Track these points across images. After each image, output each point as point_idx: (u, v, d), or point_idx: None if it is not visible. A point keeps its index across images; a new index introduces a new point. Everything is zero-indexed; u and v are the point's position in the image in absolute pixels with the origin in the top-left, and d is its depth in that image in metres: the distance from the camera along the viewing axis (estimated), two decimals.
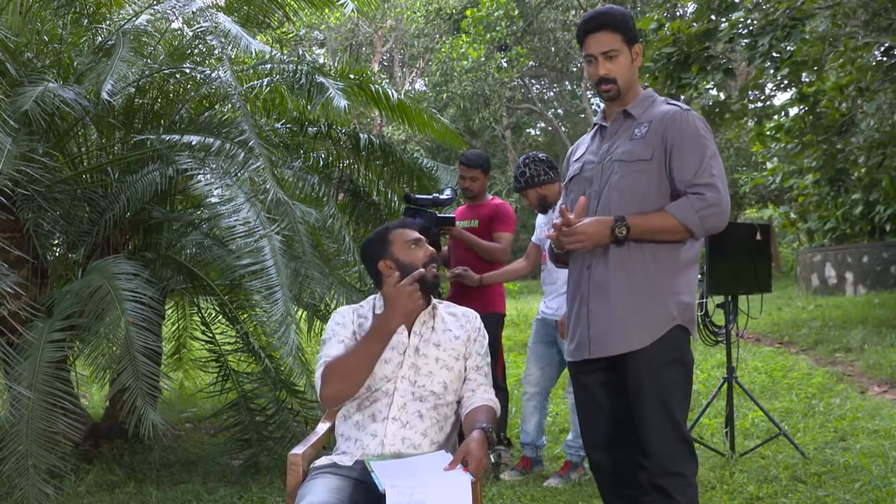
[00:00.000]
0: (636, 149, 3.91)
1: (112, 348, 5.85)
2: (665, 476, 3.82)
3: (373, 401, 3.87)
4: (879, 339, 12.17)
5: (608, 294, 3.90)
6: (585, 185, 4.07)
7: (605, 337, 3.91)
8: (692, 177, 3.83)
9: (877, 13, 13.17)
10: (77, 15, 8.10)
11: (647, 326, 3.86)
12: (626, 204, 3.87)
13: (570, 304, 4.17)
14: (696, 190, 3.81)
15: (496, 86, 34.71)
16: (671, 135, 3.89)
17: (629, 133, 3.99)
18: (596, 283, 3.94)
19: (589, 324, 3.96)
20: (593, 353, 3.96)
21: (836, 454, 6.84)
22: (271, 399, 7.15)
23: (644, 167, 3.89)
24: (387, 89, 8.66)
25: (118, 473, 6.88)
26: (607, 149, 4.04)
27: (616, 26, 3.96)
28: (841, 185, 18.86)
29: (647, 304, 3.88)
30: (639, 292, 3.88)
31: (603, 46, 3.95)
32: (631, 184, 3.90)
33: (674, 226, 3.80)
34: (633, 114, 4.02)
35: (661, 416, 3.84)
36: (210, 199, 6.66)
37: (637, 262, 3.88)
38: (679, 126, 3.90)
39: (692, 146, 3.88)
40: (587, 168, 4.10)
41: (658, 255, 3.90)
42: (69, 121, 7.24)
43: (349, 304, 6.79)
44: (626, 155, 3.93)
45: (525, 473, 6.84)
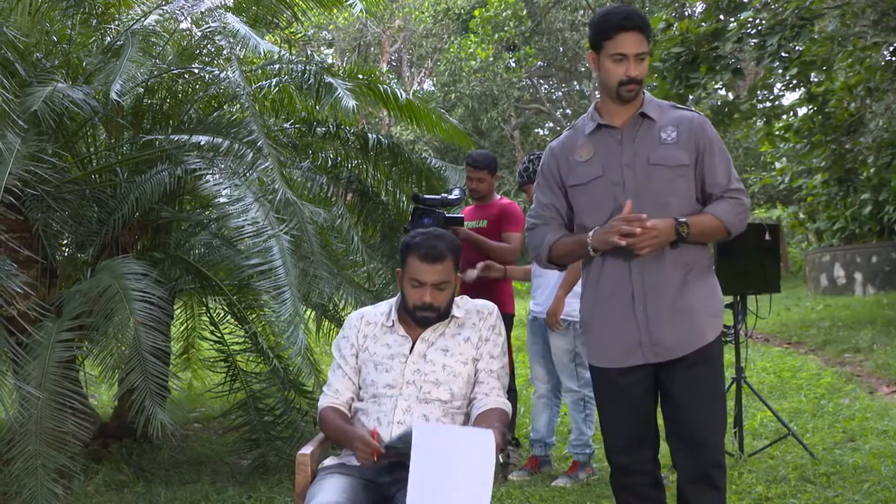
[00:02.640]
0: (675, 154, 3.91)
1: (121, 348, 5.86)
2: (715, 467, 3.92)
3: (378, 405, 3.88)
4: (888, 339, 12.16)
5: (664, 295, 3.88)
6: (614, 189, 3.95)
7: (672, 340, 3.88)
8: (727, 182, 3.96)
9: (885, 13, 13.15)
10: (86, 15, 8.11)
11: (712, 322, 3.94)
12: (672, 208, 3.86)
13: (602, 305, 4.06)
14: (732, 195, 3.94)
15: (504, 86, 34.66)
16: (702, 141, 3.94)
17: (654, 137, 3.95)
18: (651, 284, 3.90)
19: (648, 328, 3.90)
20: (654, 357, 3.92)
21: (844, 455, 6.83)
22: (280, 399, 7.15)
23: (684, 172, 3.91)
24: (395, 89, 8.64)
25: (127, 473, 6.89)
26: (634, 151, 3.96)
27: (646, 29, 3.94)
28: (850, 185, 18.85)
29: (707, 301, 3.95)
30: (699, 291, 3.93)
31: (638, 47, 3.91)
32: (675, 188, 3.90)
33: (719, 227, 3.91)
34: (652, 116, 3.98)
35: (718, 408, 3.99)
36: (219, 200, 6.66)
37: (688, 261, 3.92)
38: (707, 133, 3.98)
39: (720, 152, 3.98)
40: (611, 170, 3.99)
41: (699, 255, 3.97)
42: (78, 121, 7.25)
43: (358, 303, 6.84)
44: (667, 160, 3.91)
45: (533, 473, 6.85)
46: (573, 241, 4.07)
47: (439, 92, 36.28)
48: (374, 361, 3.99)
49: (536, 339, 7.01)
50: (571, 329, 6.61)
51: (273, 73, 8.12)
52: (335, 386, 4.05)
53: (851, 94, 15.14)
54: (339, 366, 4.08)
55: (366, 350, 4.04)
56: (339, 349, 4.13)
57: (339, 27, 34.75)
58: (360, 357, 4.04)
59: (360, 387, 4.04)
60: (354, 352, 4.07)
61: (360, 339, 4.08)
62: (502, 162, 35.44)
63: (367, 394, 3.96)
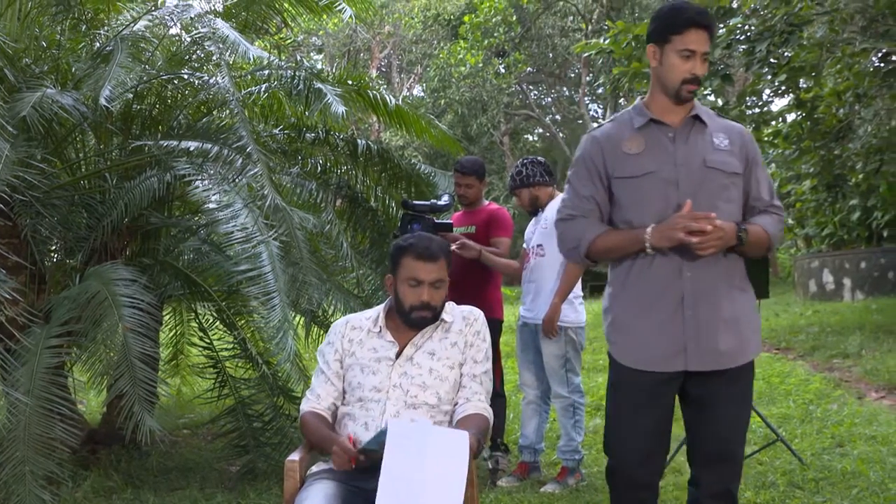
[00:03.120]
0: (730, 161, 3.86)
1: (109, 354, 5.86)
2: (735, 481, 3.90)
3: (365, 409, 3.88)
4: (877, 344, 12.17)
5: (716, 302, 3.80)
6: (665, 187, 3.83)
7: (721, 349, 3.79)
8: (770, 197, 3.95)
9: (874, 19, 13.19)
10: (75, 21, 8.10)
11: (755, 338, 3.90)
12: (723, 214, 3.74)
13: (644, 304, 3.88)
14: (775, 210, 3.94)
15: (494, 92, 34.74)
16: (751, 154, 3.92)
17: (708, 141, 3.88)
18: (704, 291, 3.79)
19: (696, 334, 3.77)
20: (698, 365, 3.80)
21: (833, 460, 6.84)
22: (269, 405, 7.15)
23: (736, 180, 3.86)
24: (384, 95, 8.65)
25: (115, 479, 6.88)
26: (688, 152, 3.87)
27: (714, 29, 3.89)
28: (838, 191, 18.90)
29: (751, 315, 3.92)
30: (744, 304, 3.87)
31: (705, 46, 3.83)
32: (728, 195, 3.84)
33: (766, 241, 3.83)
34: (705, 121, 3.92)
35: (747, 424, 3.97)
36: (208, 205, 6.66)
37: (733, 272, 3.86)
38: (754, 146, 3.98)
39: (763, 168, 3.99)
40: (665, 168, 3.85)
41: (740, 267, 3.91)
42: (67, 126, 7.25)
43: (347, 309, 6.84)
44: (724, 165, 3.84)
45: (522, 479, 6.84)
46: (623, 236, 3.87)
47: (429, 98, 36.34)
48: (361, 365, 3.98)
49: (526, 345, 7.01)
50: (563, 335, 6.62)
51: (262, 79, 8.12)
52: (317, 391, 4.05)
53: (840, 100, 15.19)
54: (321, 371, 4.08)
55: (352, 355, 4.03)
56: (322, 355, 4.13)
57: (328, 33, 34.79)
58: (346, 362, 4.04)
59: (344, 391, 4.04)
60: (338, 357, 4.07)
61: (346, 345, 4.07)
62: (491, 168, 35.53)
63: (354, 397, 3.95)
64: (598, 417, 8.75)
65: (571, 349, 6.67)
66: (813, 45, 13.64)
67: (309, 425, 3.96)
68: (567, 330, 6.61)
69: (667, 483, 6.32)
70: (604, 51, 15.11)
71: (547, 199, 6.88)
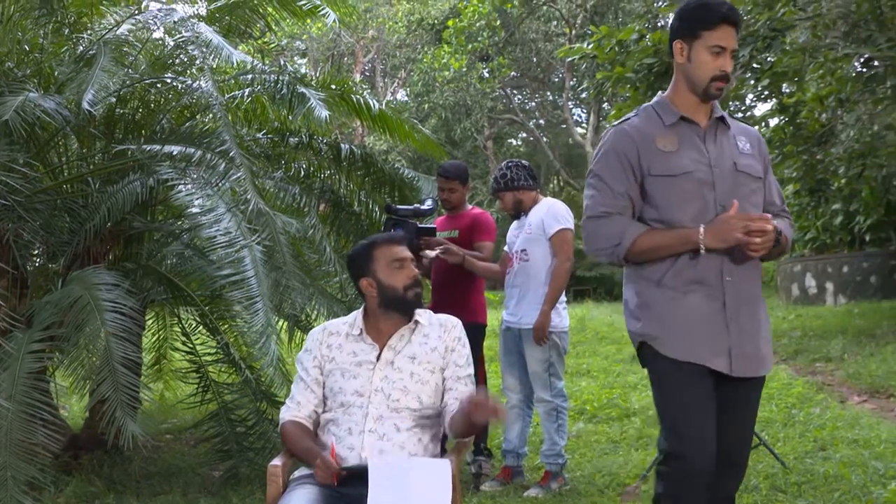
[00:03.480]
0: (755, 165, 3.86)
1: (92, 359, 5.85)
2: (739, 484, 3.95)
3: (348, 414, 3.87)
4: (859, 348, 12.21)
5: (758, 312, 3.82)
6: (701, 188, 3.78)
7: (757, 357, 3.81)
8: (781, 202, 3.98)
9: (856, 24, 13.23)
10: (58, 24, 8.07)
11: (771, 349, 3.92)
12: None
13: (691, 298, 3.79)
14: (787, 215, 3.98)
15: (478, 96, 34.78)
16: (766, 158, 3.97)
17: (733, 144, 3.87)
18: (745, 297, 3.78)
19: (740, 340, 3.76)
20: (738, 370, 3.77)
21: (815, 464, 6.86)
22: (252, 410, 7.15)
23: (761, 185, 3.88)
24: (368, 99, 8.64)
25: (98, 485, 6.86)
26: (720, 154, 3.84)
27: (739, 25, 3.83)
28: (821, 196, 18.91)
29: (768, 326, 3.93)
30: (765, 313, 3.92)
31: (732, 43, 3.79)
32: (755, 199, 3.84)
33: (785, 244, 3.81)
34: (728, 123, 3.91)
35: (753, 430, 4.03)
36: (191, 210, 6.63)
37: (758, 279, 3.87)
38: (766, 151, 4.01)
39: (772, 173, 4.00)
40: (701, 168, 3.80)
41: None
42: (50, 130, 7.22)
43: (330, 314, 6.83)
44: (751, 169, 3.84)
45: (506, 484, 6.85)
46: (672, 235, 3.77)
47: (413, 102, 36.38)
48: (341, 369, 3.99)
49: (509, 349, 7.01)
50: (548, 339, 6.63)
51: (246, 84, 8.11)
52: (297, 398, 4.05)
53: (823, 105, 15.22)
54: (301, 378, 4.09)
55: (332, 360, 4.04)
56: (301, 363, 4.13)
57: (312, 37, 34.74)
58: (326, 367, 4.04)
59: (325, 397, 4.04)
60: (317, 364, 4.07)
61: (324, 350, 4.08)
62: (475, 172, 35.60)
63: (336, 402, 3.95)
64: (581, 421, 8.77)
65: (556, 353, 6.69)
66: (796, 51, 13.68)
67: (290, 436, 3.96)
68: (552, 334, 6.62)
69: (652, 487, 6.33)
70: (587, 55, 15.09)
71: (531, 204, 6.89)
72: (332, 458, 3.62)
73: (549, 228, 6.67)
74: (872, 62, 13.58)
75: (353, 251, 4.22)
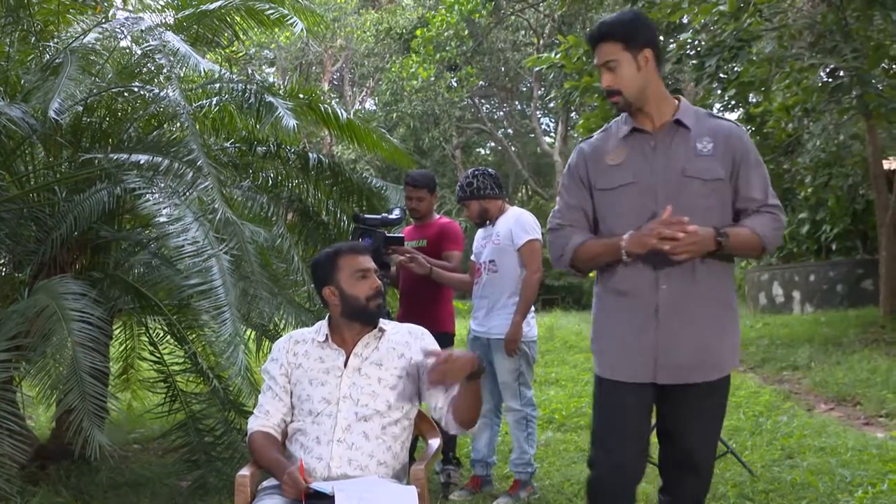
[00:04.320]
0: (711, 167, 3.82)
1: (58, 368, 5.80)
2: (703, 492, 3.92)
3: (317, 424, 3.87)
4: (826, 357, 12.30)
5: (694, 315, 3.79)
6: (644, 196, 3.85)
7: (692, 364, 3.80)
8: (763, 196, 3.87)
9: (822, 35, 13.36)
10: (24, 32, 8.04)
11: (729, 354, 3.88)
12: (705, 222, 3.72)
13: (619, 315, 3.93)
14: (769, 210, 3.86)
15: (446, 105, 34.84)
16: (738, 154, 3.86)
17: (690, 147, 3.86)
18: (675, 302, 3.79)
19: (667, 347, 3.79)
20: (667, 378, 3.82)
21: (783, 472, 6.90)
22: (220, 420, 7.12)
23: (720, 186, 3.83)
24: (336, 109, 8.63)
25: (65, 495, 6.81)
26: (668, 160, 3.86)
27: (615, 35, 3.85)
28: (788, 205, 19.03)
29: (730, 329, 3.89)
30: (724, 316, 3.87)
31: (603, 57, 3.87)
32: (708, 202, 3.82)
33: (757, 243, 3.80)
34: (686, 124, 3.90)
35: (717, 437, 3.99)
36: (158, 219, 6.60)
37: (717, 280, 3.84)
38: (744, 144, 3.90)
39: (756, 166, 3.90)
40: (644, 178, 3.87)
41: (727, 272, 3.89)
42: (16, 139, 7.18)
43: (298, 323, 6.82)
44: (703, 173, 3.82)
45: (474, 493, 6.85)
46: (602, 244, 3.91)
47: (381, 111, 36.41)
48: (309, 377, 3.99)
49: None
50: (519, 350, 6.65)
51: (214, 92, 8.09)
52: (265, 407, 4.05)
53: (789, 114, 15.32)
54: (269, 387, 4.09)
55: (299, 367, 4.04)
56: (267, 372, 4.14)
57: (280, 46, 34.72)
58: (294, 375, 4.04)
59: (293, 406, 4.04)
60: (284, 372, 4.07)
61: (291, 358, 4.08)
62: (444, 181, 35.58)
63: (304, 411, 3.95)
64: (549, 430, 8.79)
65: (525, 363, 6.69)
66: (762, 61, 13.77)
67: (258, 447, 3.95)
68: (521, 344, 6.63)
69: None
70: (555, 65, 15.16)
71: (497, 213, 6.89)
72: (301, 474, 3.61)
73: (518, 239, 6.68)
74: (838, 72, 13.69)
75: (317, 259, 4.22)
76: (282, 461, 3.80)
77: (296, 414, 4.00)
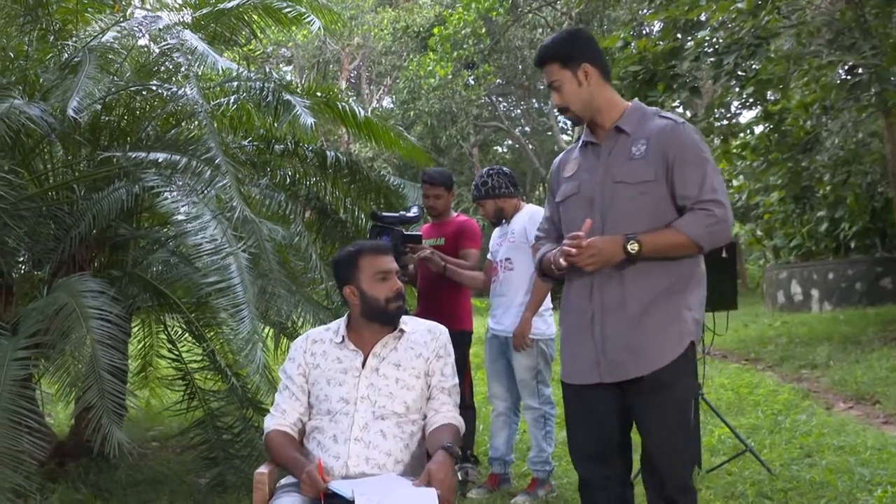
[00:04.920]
0: (639, 170, 3.83)
1: (77, 366, 5.81)
2: (679, 491, 3.85)
3: (334, 422, 3.87)
4: (845, 355, 12.24)
5: (626, 315, 3.81)
6: (585, 206, 3.95)
7: (626, 360, 3.82)
8: (698, 192, 3.78)
9: (840, 32, 13.29)
10: (43, 31, 8.06)
11: (669, 345, 3.81)
12: (636, 226, 3.77)
13: (568, 323, 4.07)
14: (703, 206, 3.77)
15: (463, 103, 34.78)
16: (671, 151, 3.82)
17: (626, 152, 3.89)
18: (609, 304, 3.84)
19: (604, 348, 3.85)
20: (609, 377, 3.87)
21: (801, 470, 6.87)
22: (238, 417, 7.12)
23: (649, 188, 3.82)
24: (354, 107, 8.63)
25: (84, 492, 6.83)
26: (605, 168, 3.93)
27: (552, 56, 3.98)
28: (806, 203, 19.02)
29: (668, 322, 3.82)
30: (659, 311, 3.82)
31: (548, 78, 4.02)
32: (638, 206, 3.82)
33: (684, 242, 3.76)
34: (625, 130, 3.93)
35: (679, 431, 3.86)
36: (176, 217, 6.62)
37: (653, 279, 3.82)
38: (678, 141, 3.84)
39: (693, 161, 3.82)
40: (585, 188, 3.97)
41: (671, 271, 3.84)
42: (35, 138, 7.20)
43: (316, 321, 6.82)
44: (630, 176, 3.84)
45: (493, 491, 6.84)
46: (548, 258, 4.05)
47: (398, 109, 36.40)
48: (327, 377, 3.99)
49: (495, 357, 7.01)
50: (535, 347, 6.63)
51: (231, 91, 8.10)
52: (282, 406, 4.05)
53: (807, 112, 15.29)
54: (286, 386, 4.09)
55: (317, 367, 4.04)
56: (285, 371, 4.14)
57: (298, 44, 34.75)
58: (312, 375, 4.04)
59: (310, 405, 4.04)
60: (302, 371, 4.07)
61: (308, 358, 4.09)
62: (461, 179, 35.54)
63: (322, 410, 3.94)
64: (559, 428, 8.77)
65: (542, 361, 6.69)
66: (780, 58, 13.74)
67: (274, 446, 3.95)
68: (538, 342, 6.62)
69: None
70: None
71: (512, 211, 6.88)
72: (319, 473, 3.60)
73: (531, 236, 6.66)
74: (857, 70, 13.65)
75: (339, 256, 4.22)
76: (300, 459, 3.80)
77: (313, 413, 4.00)
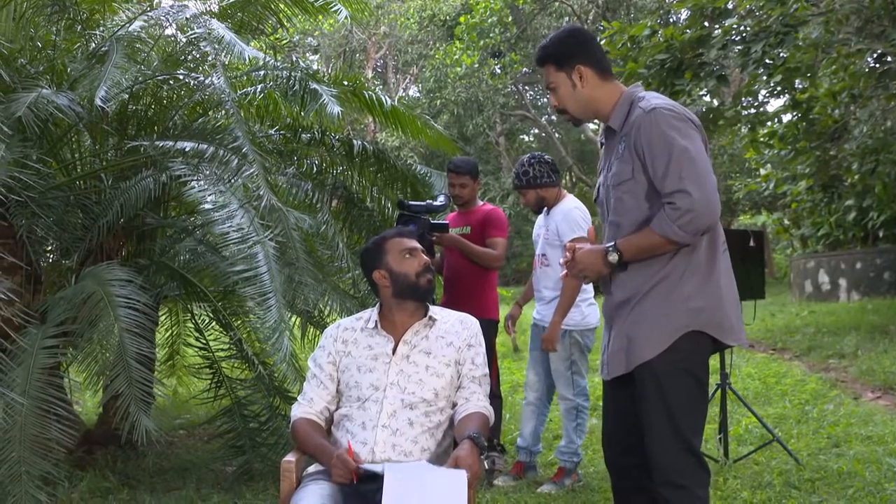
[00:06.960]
0: (619, 170, 3.80)
1: (105, 354, 5.84)
2: (667, 487, 3.73)
3: (363, 409, 3.87)
4: (873, 345, 12.19)
5: (626, 311, 3.83)
6: (603, 211, 4.01)
7: (616, 357, 3.84)
8: (662, 185, 3.64)
9: (869, 20, 13.21)
10: (71, 21, 8.09)
11: (651, 340, 3.75)
12: (623, 228, 3.77)
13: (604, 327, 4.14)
14: (667, 199, 3.60)
15: (490, 92, 34.77)
16: (639, 143, 3.71)
17: (615, 151, 3.87)
18: (615, 305, 3.88)
19: (608, 346, 3.94)
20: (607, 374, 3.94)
21: (829, 460, 6.85)
22: (265, 405, 7.15)
23: (630, 186, 3.76)
24: (380, 96, 8.63)
25: (111, 480, 6.87)
26: (607, 170, 3.94)
27: (547, 58, 3.97)
28: (834, 192, 18.92)
29: (651, 317, 3.77)
30: (647, 305, 3.78)
31: (545, 80, 4.01)
32: (623, 207, 3.80)
33: (659, 241, 3.65)
34: (614, 128, 3.89)
35: (665, 427, 3.74)
36: (203, 206, 6.62)
37: (644, 279, 3.78)
38: (643, 131, 3.70)
39: (659, 150, 3.65)
40: (601, 192, 4.03)
41: (667, 262, 3.76)
42: (63, 127, 7.23)
43: (343, 310, 6.83)
44: (614, 178, 3.83)
45: (519, 479, 6.85)
46: None
47: (424, 98, 36.40)
48: (357, 364, 4.00)
49: (533, 346, 7.02)
50: (567, 337, 6.63)
51: (258, 80, 8.11)
52: (309, 395, 4.06)
53: (835, 100, 15.19)
54: (314, 374, 4.10)
55: (348, 355, 4.05)
56: (314, 360, 4.15)
57: (324, 33, 34.79)
58: (342, 363, 4.05)
59: (340, 393, 4.05)
60: (332, 360, 4.08)
61: (339, 346, 4.10)
62: (488, 168, 35.54)
63: (352, 397, 3.95)
64: (594, 418, 8.76)
65: (577, 351, 6.68)
66: (808, 46, 13.64)
67: (301, 433, 3.96)
68: (572, 332, 6.62)
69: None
70: None
71: (554, 200, 6.85)
72: (350, 456, 3.61)
73: (563, 237, 6.62)
74: (886, 58, 13.56)
75: (365, 247, 4.27)
76: (327, 446, 3.80)
77: (343, 401, 4.01)
